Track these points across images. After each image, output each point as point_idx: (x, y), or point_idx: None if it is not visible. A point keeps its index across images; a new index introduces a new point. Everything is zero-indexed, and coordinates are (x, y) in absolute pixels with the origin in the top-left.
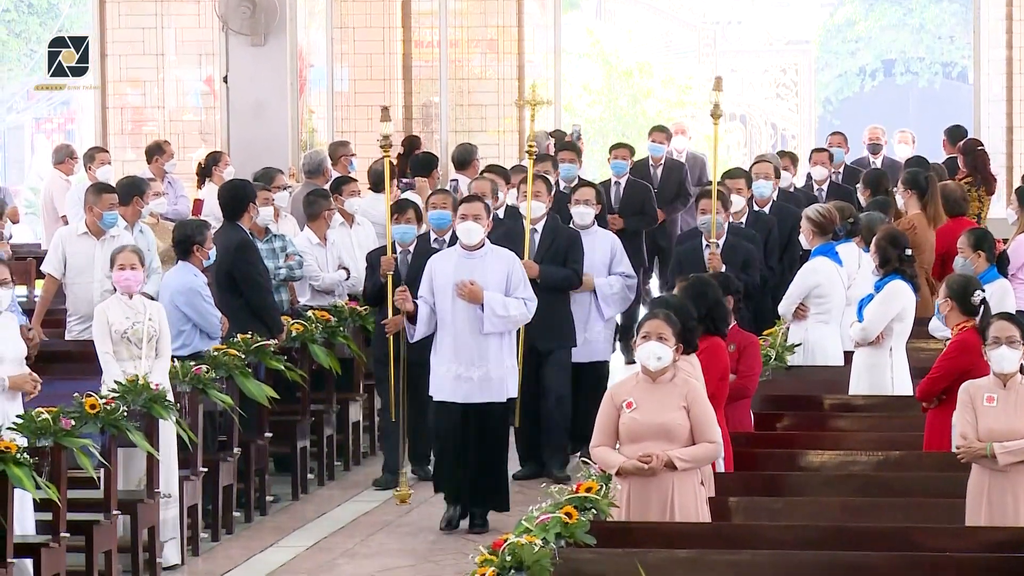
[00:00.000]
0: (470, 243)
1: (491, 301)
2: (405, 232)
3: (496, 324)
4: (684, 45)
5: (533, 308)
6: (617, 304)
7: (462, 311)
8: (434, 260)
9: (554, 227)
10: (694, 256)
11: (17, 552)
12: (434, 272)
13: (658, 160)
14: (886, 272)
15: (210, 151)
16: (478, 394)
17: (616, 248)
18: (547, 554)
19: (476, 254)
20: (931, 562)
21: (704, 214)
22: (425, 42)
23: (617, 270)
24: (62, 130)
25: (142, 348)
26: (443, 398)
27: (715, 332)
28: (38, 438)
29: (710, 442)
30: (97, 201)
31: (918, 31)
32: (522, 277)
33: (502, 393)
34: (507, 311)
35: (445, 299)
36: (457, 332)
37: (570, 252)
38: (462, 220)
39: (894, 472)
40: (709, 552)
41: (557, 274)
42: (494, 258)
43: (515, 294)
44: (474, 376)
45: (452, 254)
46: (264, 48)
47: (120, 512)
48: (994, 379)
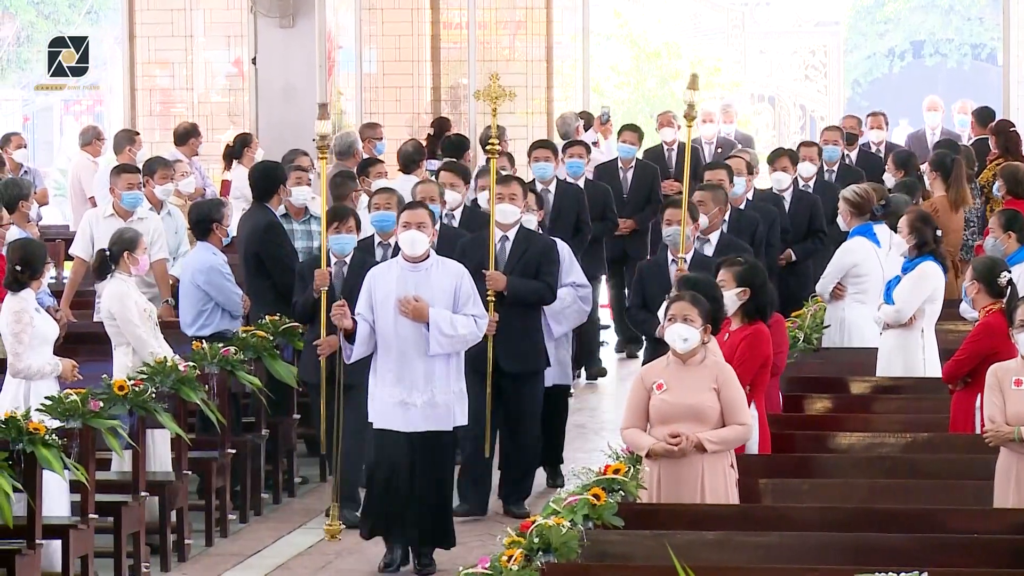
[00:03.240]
0: (414, 254)
1: (437, 319)
2: (345, 242)
3: (443, 344)
4: (712, 26)
5: (484, 325)
6: (571, 319)
7: (405, 330)
8: (374, 273)
9: (527, 235)
10: (658, 271)
11: (46, 533)
12: (374, 286)
13: (628, 163)
14: (920, 253)
15: (239, 133)
16: (422, 422)
17: (566, 255)
18: (575, 536)
19: (420, 266)
20: (957, 544)
21: (670, 225)
22: (454, 23)
23: (567, 280)
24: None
25: (157, 326)
26: (385, 426)
27: (759, 317)
28: (67, 419)
29: (740, 424)
30: (117, 182)
31: (947, 12)
32: (471, 292)
33: (449, 421)
34: (455, 330)
35: (386, 316)
36: (400, 353)
37: (544, 263)
38: (405, 228)
39: (921, 454)
40: (737, 534)
41: (526, 287)
42: (440, 271)
43: (463, 310)
44: (418, 402)
45: (394, 266)
46: (293, 30)
47: (148, 493)
48: (1022, 362)
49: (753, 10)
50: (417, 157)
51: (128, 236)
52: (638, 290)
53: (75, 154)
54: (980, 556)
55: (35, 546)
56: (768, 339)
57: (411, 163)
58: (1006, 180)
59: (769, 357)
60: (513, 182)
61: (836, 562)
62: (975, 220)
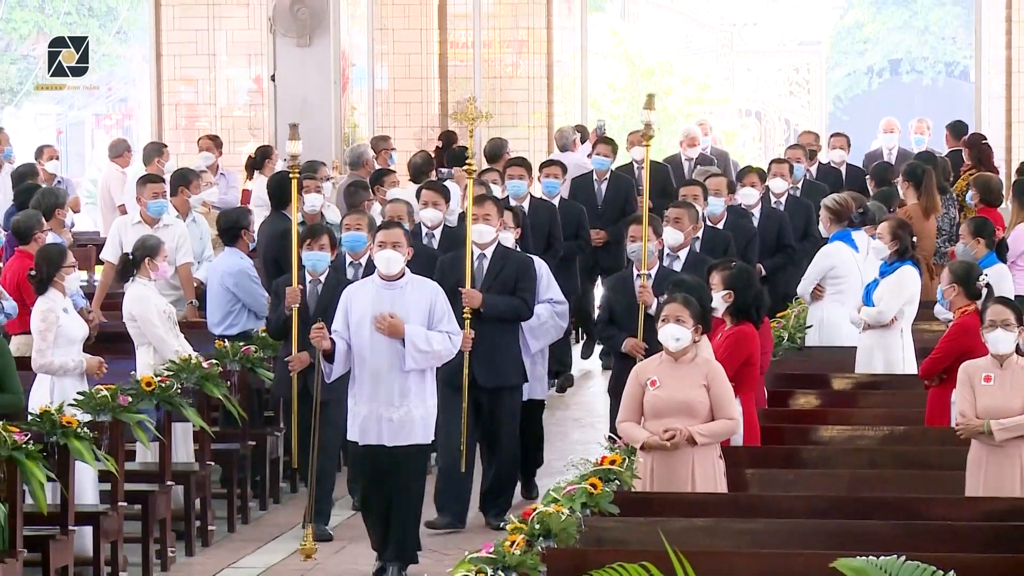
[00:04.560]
0: (389, 273)
1: (412, 335)
2: (318, 260)
3: (418, 360)
4: (703, 45)
5: (459, 341)
6: (547, 335)
7: (381, 346)
8: (350, 291)
9: (505, 253)
10: (623, 287)
11: (78, 520)
12: (350, 304)
13: (603, 175)
14: (900, 258)
15: (260, 145)
16: (400, 436)
17: (543, 272)
18: (573, 522)
19: (395, 284)
20: (933, 530)
21: (634, 241)
22: (460, 43)
23: (545, 296)
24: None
25: (176, 326)
26: (363, 441)
27: (749, 319)
28: (98, 414)
29: (728, 419)
30: (143, 191)
31: (923, 32)
32: (446, 309)
33: (426, 434)
34: (430, 345)
35: (362, 334)
36: (376, 369)
37: (521, 280)
38: (380, 248)
39: (899, 446)
40: (725, 520)
41: (502, 304)
42: (415, 289)
43: (438, 327)
44: (394, 417)
45: (369, 285)
46: (309, 49)
47: (174, 483)
48: (991, 360)
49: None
50: (426, 168)
51: (150, 243)
52: (605, 305)
53: (105, 165)
54: (953, 542)
55: (68, 532)
56: (752, 338)
57: (420, 173)
58: (979, 190)
59: (753, 355)
60: (487, 202)
61: (819, 547)
62: (947, 227)
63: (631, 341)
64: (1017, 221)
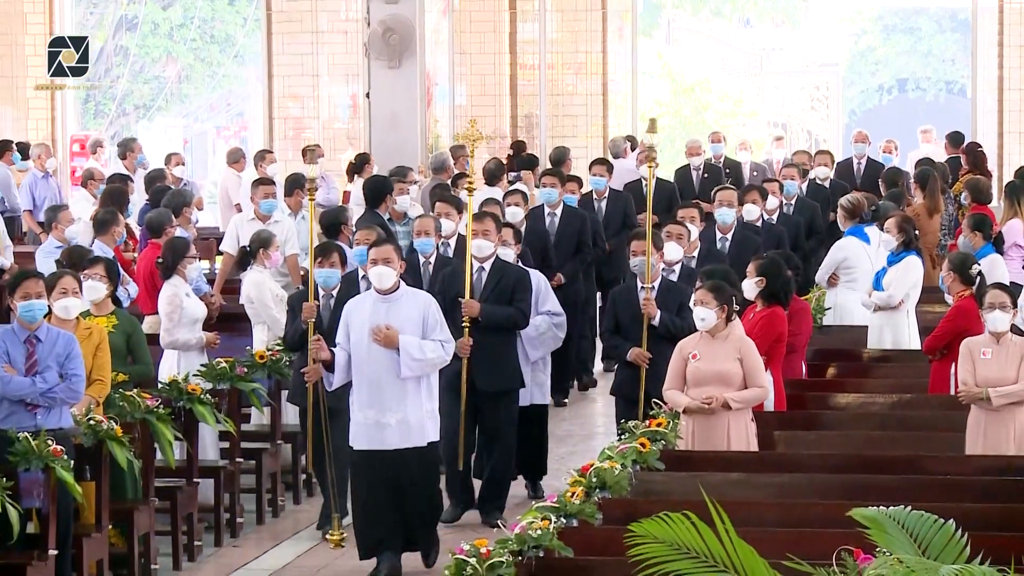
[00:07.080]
0: (383, 287)
1: (407, 345)
2: (328, 276)
3: (413, 368)
4: (736, 66)
5: (451, 349)
6: (546, 345)
7: (378, 355)
8: (350, 305)
9: (502, 266)
10: (628, 298)
11: (201, 473)
12: (350, 317)
13: (601, 193)
14: (905, 248)
15: (358, 153)
16: (397, 440)
17: (541, 285)
18: (625, 476)
19: (391, 297)
20: (935, 483)
21: (636, 256)
22: (528, 65)
23: (543, 309)
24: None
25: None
26: (362, 447)
27: (778, 302)
28: (218, 382)
29: (759, 387)
30: (256, 192)
31: (926, 56)
32: (438, 319)
33: (422, 437)
34: (423, 354)
35: (361, 344)
36: (374, 377)
37: (517, 291)
38: (372, 264)
39: (906, 411)
40: (756, 475)
41: (499, 313)
42: (409, 301)
43: (431, 336)
44: (392, 421)
45: (367, 299)
46: (399, 70)
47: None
48: (989, 337)
49: (769, 53)
50: (499, 173)
51: (264, 236)
52: (610, 315)
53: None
54: (954, 493)
55: (193, 483)
56: (782, 319)
57: (494, 178)
58: (971, 191)
59: (783, 335)
60: (487, 219)
61: (836, 498)
62: (947, 224)
63: (636, 350)
64: (1008, 217)
